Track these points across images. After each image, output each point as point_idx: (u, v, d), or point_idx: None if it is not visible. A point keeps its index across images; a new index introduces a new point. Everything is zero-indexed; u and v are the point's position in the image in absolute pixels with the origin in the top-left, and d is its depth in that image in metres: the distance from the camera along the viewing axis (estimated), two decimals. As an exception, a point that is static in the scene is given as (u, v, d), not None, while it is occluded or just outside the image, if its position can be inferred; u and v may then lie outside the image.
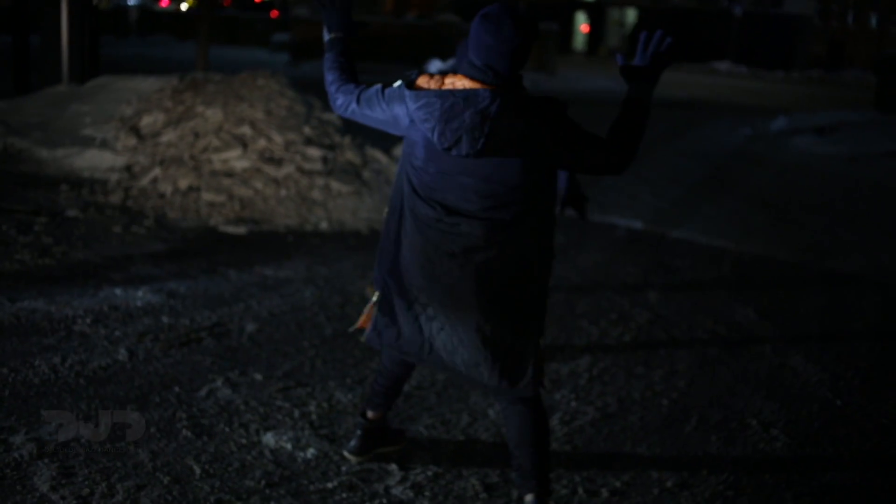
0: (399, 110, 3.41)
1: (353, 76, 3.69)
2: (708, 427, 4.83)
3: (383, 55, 28.36)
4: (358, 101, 3.56)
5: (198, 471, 3.99)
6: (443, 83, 3.33)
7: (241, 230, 7.86)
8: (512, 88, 3.29)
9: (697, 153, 14.37)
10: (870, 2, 53.30)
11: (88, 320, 5.58)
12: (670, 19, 44.63)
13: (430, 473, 4.13)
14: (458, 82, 3.31)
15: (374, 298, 3.75)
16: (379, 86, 3.53)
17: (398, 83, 3.44)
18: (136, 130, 9.71)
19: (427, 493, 3.98)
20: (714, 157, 14.14)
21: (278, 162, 8.74)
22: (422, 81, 3.36)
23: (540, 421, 3.68)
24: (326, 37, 3.79)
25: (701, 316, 6.53)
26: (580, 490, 4.12)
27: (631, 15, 47.91)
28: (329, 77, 3.70)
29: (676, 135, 16.35)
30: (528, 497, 3.70)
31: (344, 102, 3.61)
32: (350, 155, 9.04)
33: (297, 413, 4.59)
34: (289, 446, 4.25)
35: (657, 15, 45.65)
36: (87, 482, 3.83)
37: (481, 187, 3.34)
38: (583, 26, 49.55)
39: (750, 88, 30.41)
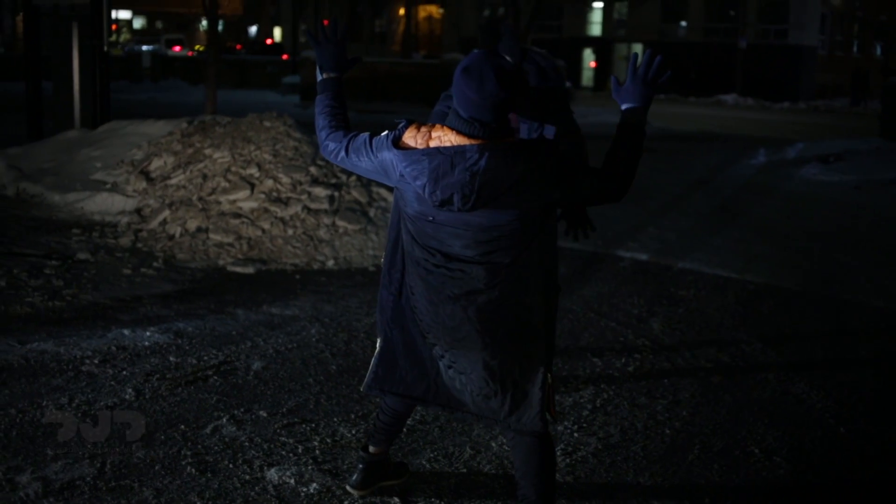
0: (387, 158, 3.39)
1: (345, 122, 3.69)
2: (711, 455, 4.85)
3: (392, 94, 28.62)
4: (346, 150, 3.54)
5: (202, 507, 4.04)
6: (430, 137, 3.30)
7: (248, 270, 7.95)
8: (500, 137, 3.28)
9: (704, 184, 14.43)
10: (874, 31, 53.50)
11: (96, 361, 5.65)
12: (677, 53, 44.87)
13: (431, 506, 4.17)
14: (445, 136, 3.28)
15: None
16: (367, 135, 3.50)
17: (385, 133, 3.42)
18: (145, 174, 9.84)
19: (429, 526, 4.02)
20: (720, 187, 14.20)
21: (285, 202, 8.84)
22: (408, 137, 3.34)
23: (546, 451, 3.71)
24: (319, 76, 3.78)
25: (705, 345, 6.56)
26: (581, 520, 4.15)
27: (638, 50, 48.19)
28: (320, 122, 3.69)
29: (683, 167, 16.42)
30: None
31: (334, 149, 3.59)
32: (356, 193, 9.13)
33: (300, 448, 4.63)
34: (292, 481, 4.29)
35: (664, 49, 45.94)
36: (92, 520, 3.88)
37: (479, 236, 3.34)
38: (591, 63, 49.84)
39: (756, 120, 30.49)
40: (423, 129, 3.34)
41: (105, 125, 12.69)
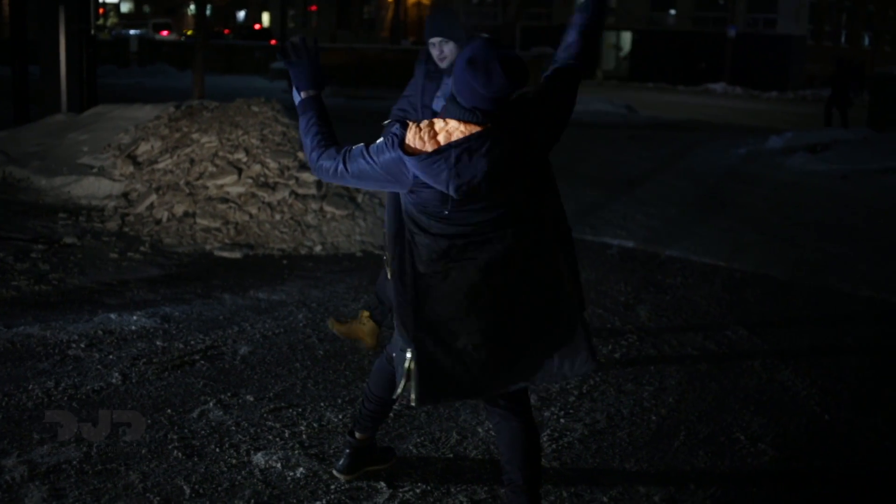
0: (393, 162, 3.27)
1: (334, 139, 3.52)
2: (696, 442, 4.87)
3: (380, 80, 28.55)
4: (344, 164, 3.39)
5: (188, 491, 4.03)
6: (434, 133, 3.23)
7: (235, 255, 7.93)
8: (503, 116, 3.26)
9: (692, 173, 14.45)
10: (862, 21, 53.62)
11: (83, 345, 5.63)
12: (665, 42, 44.89)
13: (418, 491, 4.18)
14: (450, 128, 3.23)
15: (408, 365, 3.49)
16: (362, 146, 3.37)
17: (381, 140, 3.31)
18: (132, 158, 9.81)
19: (415, 510, 4.02)
20: (708, 176, 14.22)
21: (273, 187, 8.81)
22: (412, 139, 3.23)
23: (531, 436, 3.72)
24: (298, 97, 3.58)
25: (691, 332, 6.58)
26: (567, 505, 4.16)
27: (626, 38, 48.17)
28: (309, 143, 3.50)
29: (671, 155, 16.44)
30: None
31: (330, 167, 3.42)
32: (344, 179, 9.11)
33: (287, 433, 4.63)
34: (278, 466, 4.30)
35: (652, 37, 45.90)
36: (77, 503, 3.87)
37: (506, 215, 3.34)
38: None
39: (745, 109, 30.54)
40: (424, 127, 3.25)
41: (92, 109, 12.62)
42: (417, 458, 4.50)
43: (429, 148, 3.20)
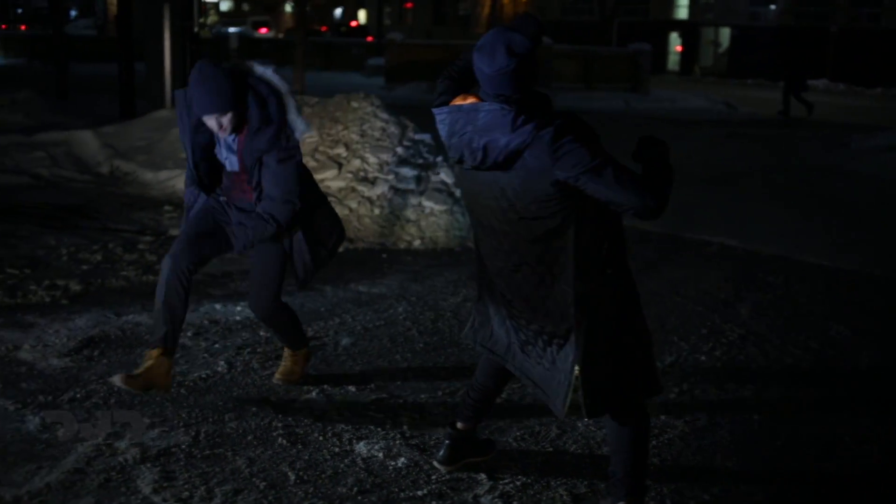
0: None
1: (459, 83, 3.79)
2: (799, 442, 4.80)
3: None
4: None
5: (292, 477, 4.12)
6: (465, 98, 3.50)
7: (336, 248, 8.03)
8: (520, 105, 3.33)
9: (793, 170, 14.17)
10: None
11: (189, 333, 5.78)
12: (766, 37, 44.05)
13: (518, 483, 4.20)
14: (471, 101, 3.45)
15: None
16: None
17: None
18: (235, 152, 9.99)
19: (515, 503, 4.04)
20: (810, 173, 13.93)
21: (372, 181, 8.91)
22: (456, 101, 3.52)
23: (640, 429, 3.72)
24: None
25: (794, 332, 6.47)
26: (668, 502, 4.14)
27: (725, 34, 47.43)
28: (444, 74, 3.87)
29: (773, 153, 16.15)
30: (618, 505, 3.74)
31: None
32: (443, 174, 9.16)
33: (388, 423, 4.69)
34: (380, 455, 4.36)
35: (752, 33, 45.10)
36: (186, 486, 3.99)
37: (500, 203, 3.45)
38: (677, 47, 49.13)
39: (848, 105, 29.82)
40: (465, 96, 3.52)
41: (195, 106, 12.88)
42: (517, 450, 4.52)
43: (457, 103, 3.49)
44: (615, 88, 26.78)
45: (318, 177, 8.71)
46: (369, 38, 44.63)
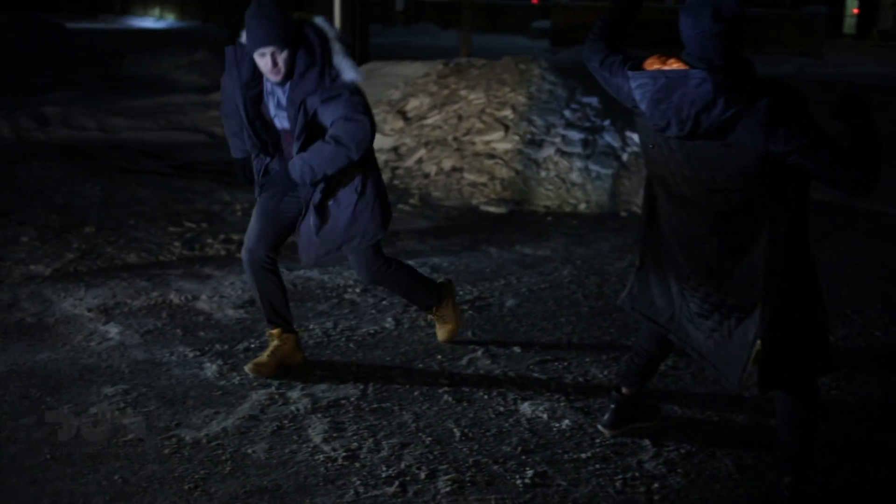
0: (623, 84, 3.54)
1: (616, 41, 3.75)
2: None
3: (641, 40, 27.99)
4: (610, 69, 3.63)
5: (457, 434, 4.17)
6: (664, 65, 3.34)
7: (501, 209, 8.07)
8: (728, 72, 3.21)
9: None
10: None
11: (358, 290, 5.90)
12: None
13: (682, 451, 4.14)
14: (675, 65, 3.30)
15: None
16: (625, 59, 3.60)
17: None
18: (402, 114, 10.11)
19: (679, 471, 3.99)
20: None
21: (539, 144, 8.88)
22: (649, 62, 3.39)
23: (811, 406, 3.62)
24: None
25: (979, 309, 6.16)
26: (835, 476, 4.02)
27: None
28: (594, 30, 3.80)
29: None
30: (787, 479, 3.65)
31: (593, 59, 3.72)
32: (609, 138, 9.06)
33: (553, 385, 4.70)
34: (545, 416, 4.36)
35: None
36: (355, 437, 4.09)
37: (699, 174, 3.34)
38: (853, 9, 47.04)
39: None
40: (662, 58, 3.38)
41: (364, 66, 13.08)
42: (683, 418, 4.46)
43: (655, 67, 3.36)
44: (786, 52, 25.90)
45: (484, 138, 8.75)
46: (534, 1, 44.34)
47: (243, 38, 4.36)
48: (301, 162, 4.30)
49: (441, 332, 5.13)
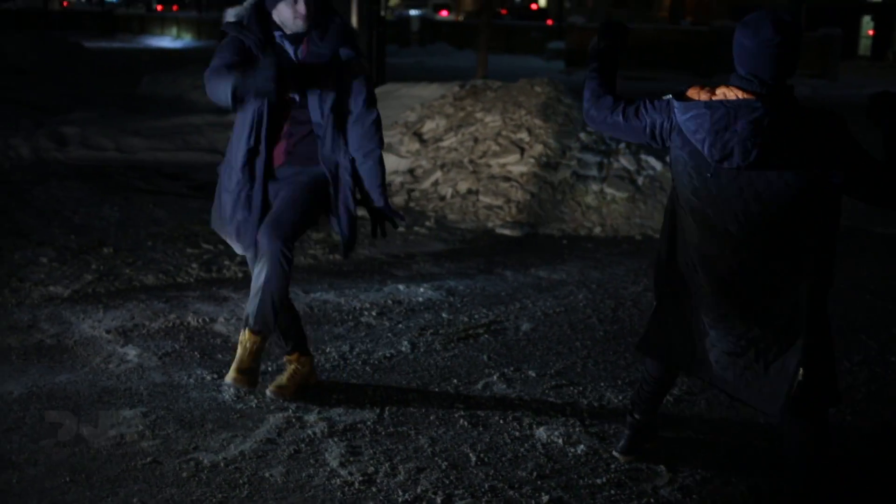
0: (660, 103, 3.52)
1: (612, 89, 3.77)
2: None
3: (656, 62, 28.07)
4: (624, 113, 3.61)
5: (473, 458, 4.19)
6: (713, 94, 3.33)
7: (517, 233, 8.10)
8: (783, 97, 3.26)
9: None
10: None
11: (374, 313, 5.94)
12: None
13: (698, 477, 4.14)
14: (729, 93, 3.30)
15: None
16: (644, 99, 3.60)
17: (667, 96, 3.50)
18: (418, 136, 10.16)
19: (695, 497, 3.99)
20: None
21: (554, 167, 8.92)
22: (692, 93, 3.38)
23: (815, 441, 3.60)
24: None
25: None
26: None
27: (925, 17, 45.08)
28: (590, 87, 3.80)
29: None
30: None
31: (599, 114, 3.71)
32: (625, 161, 9.09)
33: (568, 410, 4.71)
34: (560, 441, 4.38)
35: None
36: (372, 461, 4.11)
37: (750, 207, 3.34)
38: (868, 30, 46.99)
39: None
40: (707, 88, 3.37)
41: (380, 87, 13.15)
42: (698, 444, 4.47)
43: (703, 97, 3.33)
44: (801, 74, 25.85)
45: (500, 161, 8.80)
46: (549, 22, 44.46)
47: (230, 16, 4.38)
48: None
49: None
